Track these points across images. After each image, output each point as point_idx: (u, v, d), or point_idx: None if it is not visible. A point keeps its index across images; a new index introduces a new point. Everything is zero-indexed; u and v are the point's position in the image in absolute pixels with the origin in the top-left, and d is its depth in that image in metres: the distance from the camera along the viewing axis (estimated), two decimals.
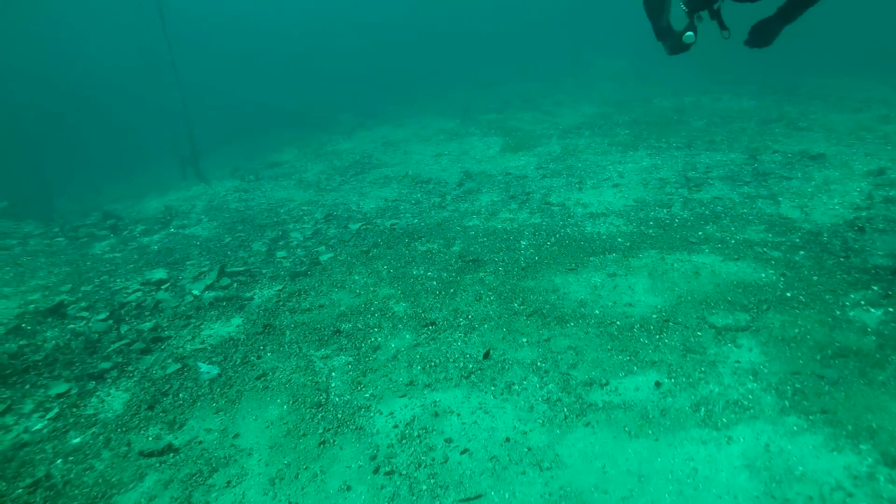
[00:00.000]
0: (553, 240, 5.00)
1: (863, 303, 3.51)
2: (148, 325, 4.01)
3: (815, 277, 3.88)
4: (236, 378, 3.34)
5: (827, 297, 3.62)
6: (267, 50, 22.69)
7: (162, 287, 4.68)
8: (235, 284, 4.76)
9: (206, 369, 3.35)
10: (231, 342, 3.80)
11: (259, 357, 3.59)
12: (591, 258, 4.49)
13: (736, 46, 3.42)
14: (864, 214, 4.95)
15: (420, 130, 11.78)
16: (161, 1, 8.26)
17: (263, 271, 5.02)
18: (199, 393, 3.20)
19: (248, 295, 4.54)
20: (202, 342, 3.83)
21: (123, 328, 3.98)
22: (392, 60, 20.78)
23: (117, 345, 3.71)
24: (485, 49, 21.32)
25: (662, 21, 3.27)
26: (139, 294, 4.50)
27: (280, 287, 4.65)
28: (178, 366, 3.48)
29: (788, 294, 3.66)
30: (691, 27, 3.10)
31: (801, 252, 4.31)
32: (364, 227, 6.11)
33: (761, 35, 3.09)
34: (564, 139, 9.45)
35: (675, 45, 3.33)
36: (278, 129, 15.26)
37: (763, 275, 3.99)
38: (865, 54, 15.82)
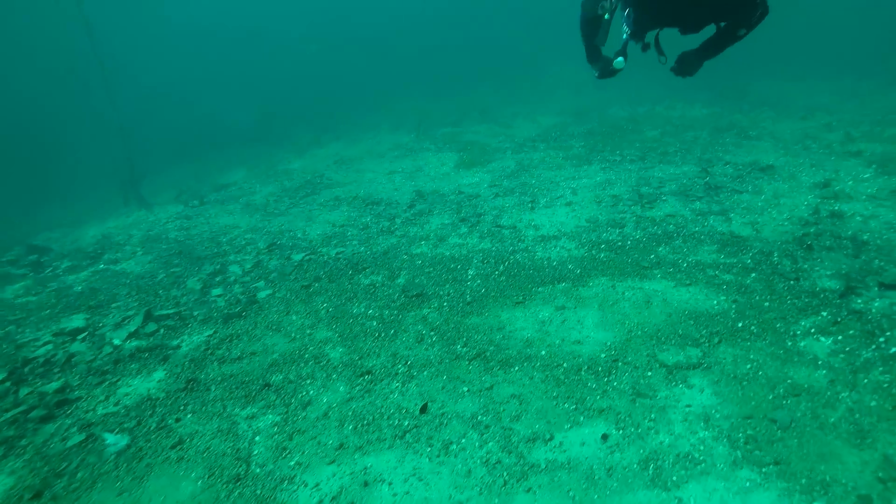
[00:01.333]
0: (502, 268, 4.79)
1: (813, 331, 3.40)
2: (55, 385, 3.62)
3: (767, 303, 3.76)
4: (148, 449, 3.00)
5: (778, 325, 3.49)
6: (225, 64, 22.09)
7: (78, 337, 4.28)
8: (162, 330, 4.39)
9: (114, 440, 3.00)
10: (149, 402, 3.45)
11: (178, 420, 3.25)
12: (540, 288, 4.30)
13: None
14: (811, 231, 4.90)
15: (375, 146, 11.51)
16: (89, 20, 7.77)
17: (195, 313, 4.66)
18: (102, 470, 2.85)
19: (175, 343, 4.18)
20: (116, 403, 3.47)
21: (24, 391, 3.58)
22: (352, 70, 20.49)
23: (11, 413, 3.32)
24: (444, 57, 21.21)
25: (595, 44, 3.17)
26: (49, 347, 4.10)
27: (211, 332, 4.31)
28: (83, 436, 3.11)
29: (740, 324, 3.53)
30: (622, 52, 2.96)
31: (753, 274, 4.21)
32: (308, 257, 5.80)
33: (685, 65, 3.03)
34: (519, 153, 9.32)
35: (604, 69, 3.27)
36: (231, 146, 14.79)
37: (715, 302, 3.86)
38: (809, 60, 16.29)
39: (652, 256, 4.65)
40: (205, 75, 20.43)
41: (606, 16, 3.02)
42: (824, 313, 3.55)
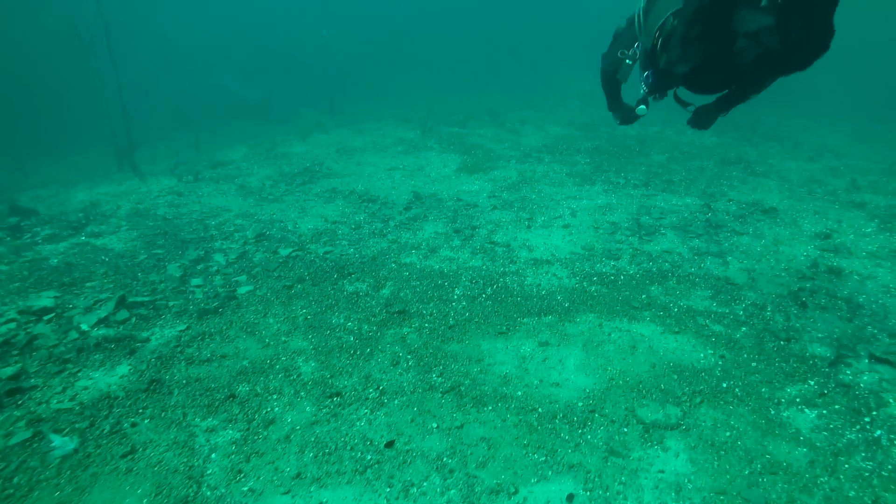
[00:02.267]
0: (489, 291, 4.67)
1: (798, 401, 3.30)
2: (9, 370, 3.48)
3: (754, 363, 3.66)
4: (97, 456, 2.87)
5: (763, 390, 3.39)
6: (239, 38, 21.71)
7: (44, 318, 4.13)
8: (134, 319, 4.25)
9: (60, 442, 2.87)
10: (106, 400, 3.32)
11: (134, 425, 3.13)
12: (525, 319, 4.18)
13: None
14: (808, 286, 4.79)
15: (379, 138, 11.33)
16: None
17: (171, 304, 4.52)
18: (42, 477, 2.72)
19: (145, 335, 4.05)
20: (73, 398, 3.34)
21: None
22: (364, 57, 20.19)
23: None
24: (459, 53, 20.93)
25: (617, 95, 3.20)
26: (12, 326, 3.95)
27: (184, 326, 4.17)
28: (29, 433, 2.98)
29: (724, 385, 3.42)
30: (644, 101, 2.84)
31: (744, 328, 4.10)
32: (295, 253, 5.66)
33: (702, 119, 2.90)
34: (523, 163, 9.17)
35: (626, 116, 3.24)
36: (236, 120, 14.58)
37: (702, 355, 3.75)
38: (824, 96, 16.17)
39: (644, 296, 4.54)
40: (217, 47, 20.07)
41: (628, 61, 3.00)
42: (812, 382, 3.45)
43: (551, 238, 5.85)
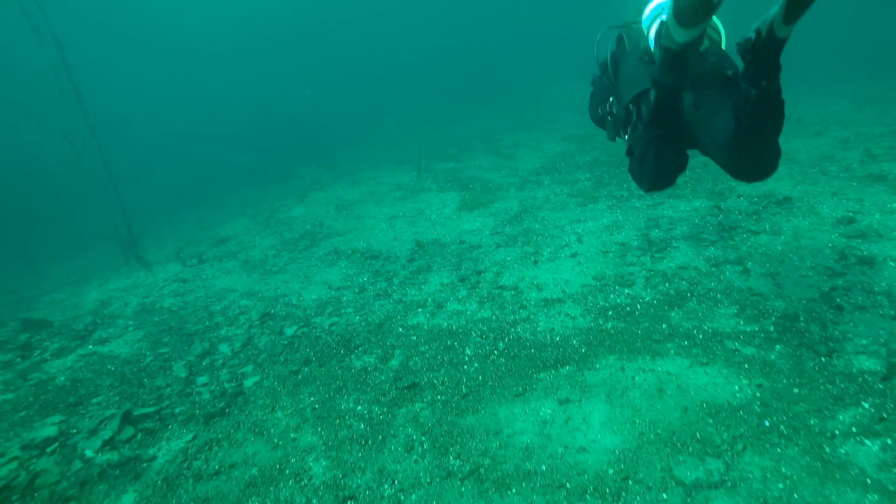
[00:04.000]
0: (501, 346, 4.43)
1: (855, 430, 2.97)
2: None
3: (797, 390, 3.34)
4: None
5: (812, 422, 3.07)
6: (223, 106, 22.19)
7: (47, 449, 4.00)
8: (140, 435, 4.10)
9: None
10: None
11: None
12: (542, 374, 3.92)
13: None
14: (840, 283, 4.46)
15: (375, 187, 11.28)
16: (77, 86, 7.69)
17: (177, 411, 4.37)
18: None
19: (151, 452, 3.89)
20: None
21: None
22: (351, 105, 20.42)
23: None
24: (446, 84, 21.04)
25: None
26: (13, 466, 3.81)
27: (191, 436, 4.00)
28: None
29: (767, 422, 3.11)
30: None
31: (778, 347, 3.78)
32: (300, 330, 5.50)
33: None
34: (523, 190, 8.98)
35: (612, 135, 3.39)
36: (236, 189, 14.69)
37: (737, 388, 3.45)
38: (822, 61, 15.74)
39: (664, 326, 4.25)
40: (209, 121, 20.50)
41: (609, 118, 3.16)
42: (866, 404, 3.12)
43: (560, 271, 5.61)
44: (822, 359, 3.57)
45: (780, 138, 2.38)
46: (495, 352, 4.35)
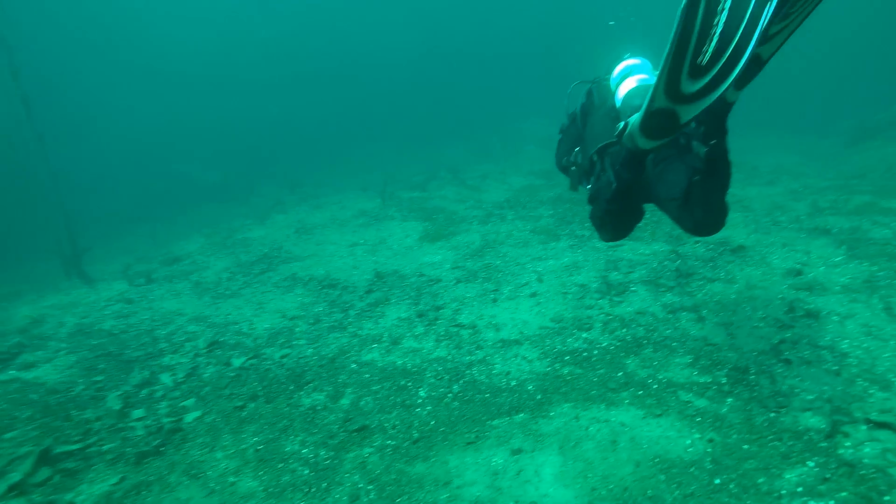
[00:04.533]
0: (456, 388, 4.33)
1: (801, 490, 2.98)
2: None
3: (746, 446, 3.35)
4: None
5: (760, 480, 3.07)
6: (193, 116, 21.71)
7: None
8: (58, 477, 3.78)
9: None
10: None
11: None
12: (496, 422, 3.83)
13: None
14: (789, 336, 4.56)
15: (339, 212, 11.12)
16: (25, 92, 7.34)
17: (105, 448, 4.07)
18: None
19: (68, 498, 3.58)
20: None
21: None
22: (319, 125, 20.29)
23: None
24: (415, 112, 21.19)
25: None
26: None
27: (118, 478, 3.72)
28: None
29: (717, 480, 3.09)
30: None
31: (729, 400, 3.81)
32: (249, 362, 5.27)
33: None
34: (487, 223, 9.00)
35: (574, 184, 3.43)
36: (196, 205, 14.25)
37: (689, 442, 3.43)
38: (775, 117, 16.58)
39: (620, 374, 4.24)
40: (173, 135, 19.98)
41: (573, 168, 3.31)
42: (811, 464, 3.15)
43: (519, 311, 5.57)
44: (771, 414, 3.61)
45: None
46: (450, 395, 4.25)
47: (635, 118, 2.22)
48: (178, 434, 4.19)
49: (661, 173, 2.78)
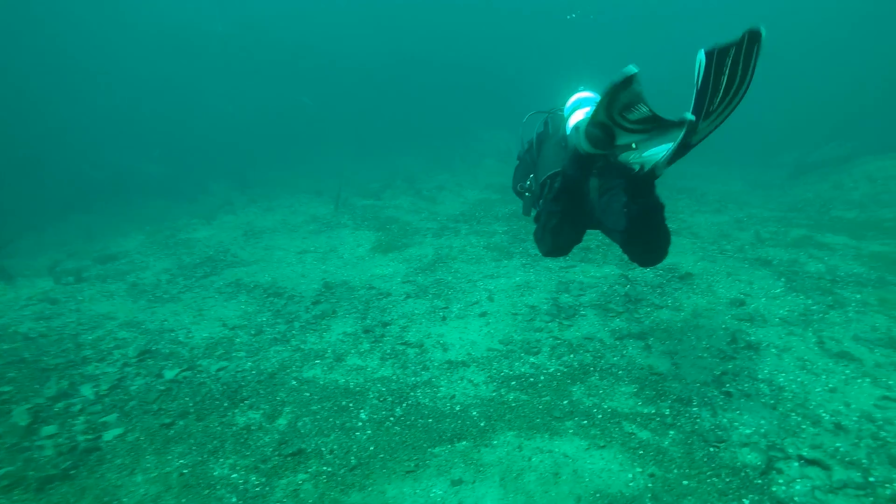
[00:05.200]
0: (399, 411, 4.18)
1: None
2: None
3: (686, 482, 3.35)
4: None
5: None
6: (140, 111, 20.70)
7: None
8: None
9: None
10: None
11: None
12: (437, 449, 3.71)
13: None
14: (730, 368, 4.65)
15: (290, 216, 10.80)
16: None
17: (2, 472, 3.70)
18: None
19: None
20: None
21: None
22: (277, 126, 19.75)
23: None
24: (375, 119, 20.95)
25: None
26: None
27: None
28: None
29: None
30: None
31: (671, 433, 3.82)
32: (183, 374, 4.96)
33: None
34: (440, 237, 8.91)
35: (527, 209, 3.55)
36: (136, 202, 13.53)
37: (630, 476, 3.41)
38: (723, 147, 17.25)
39: (565, 402, 4.20)
40: (120, 122, 19.00)
41: (527, 194, 3.43)
42: (746, 501, 3.17)
43: (467, 331, 5.48)
44: (711, 449, 3.63)
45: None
46: (392, 418, 4.10)
47: (584, 120, 2.45)
48: (94, 454, 3.87)
49: (607, 203, 2.95)
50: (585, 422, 3.95)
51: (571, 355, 4.92)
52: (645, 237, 2.72)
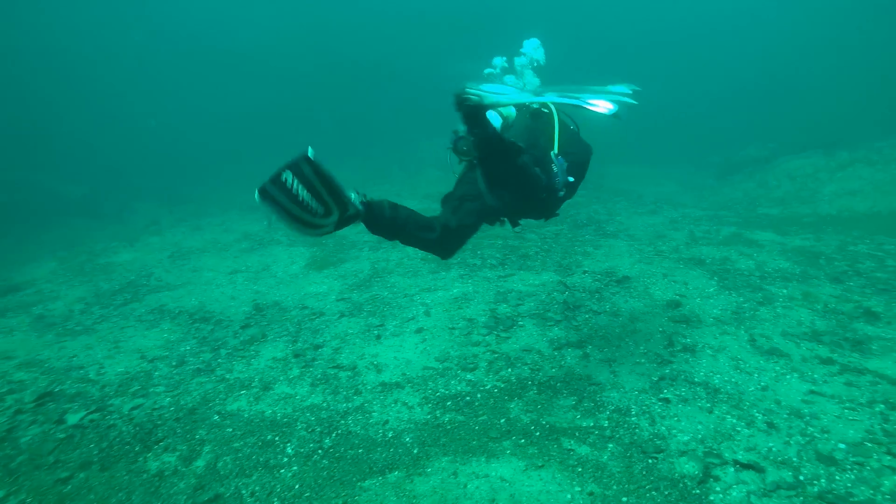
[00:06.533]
0: (328, 442, 3.91)
1: None
2: None
3: (625, 498, 3.24)
4: None
5: None
6: (60, 122, 19.40)
7: None
8: None
9: None
10: None
11: None
12: (367, 482, 3.46)
13: None
14: (668, 372, 4.63)
15: (221, 235, 10.28)
16: None
17: None
18: None
19: None
20: None
21: None
22: (205, 141, 18.93)
23: None
24: (311, 130, 20.46)
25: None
26: None
27: None
28: None
29: None
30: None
31: (610, 446, 3.72)
32: (90, 417, 4.50)
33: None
34: (377, 250, 8.65)
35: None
36: (50, 225, 12.59)
37: (569, 496, 3.27)
38: (657, 148, 17.82)
39: (503, 421, 4.04)
40: (29, 136, 17.71)
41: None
42: None
43: (403, 349, 5.26)
44: (650, 460, 3.55)
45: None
46: (320, 450, 3.82)
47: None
48: None
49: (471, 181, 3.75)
50: (523, 441, 3.80)
51: (509, 370, 4.78)
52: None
